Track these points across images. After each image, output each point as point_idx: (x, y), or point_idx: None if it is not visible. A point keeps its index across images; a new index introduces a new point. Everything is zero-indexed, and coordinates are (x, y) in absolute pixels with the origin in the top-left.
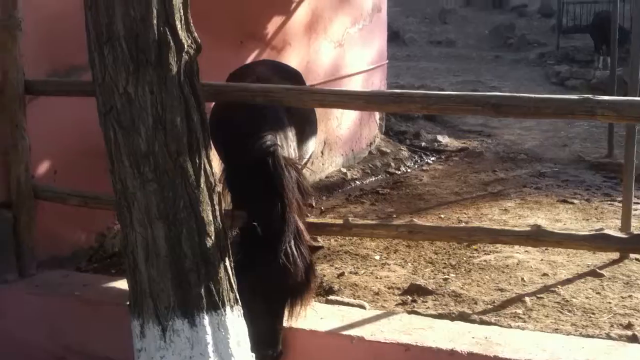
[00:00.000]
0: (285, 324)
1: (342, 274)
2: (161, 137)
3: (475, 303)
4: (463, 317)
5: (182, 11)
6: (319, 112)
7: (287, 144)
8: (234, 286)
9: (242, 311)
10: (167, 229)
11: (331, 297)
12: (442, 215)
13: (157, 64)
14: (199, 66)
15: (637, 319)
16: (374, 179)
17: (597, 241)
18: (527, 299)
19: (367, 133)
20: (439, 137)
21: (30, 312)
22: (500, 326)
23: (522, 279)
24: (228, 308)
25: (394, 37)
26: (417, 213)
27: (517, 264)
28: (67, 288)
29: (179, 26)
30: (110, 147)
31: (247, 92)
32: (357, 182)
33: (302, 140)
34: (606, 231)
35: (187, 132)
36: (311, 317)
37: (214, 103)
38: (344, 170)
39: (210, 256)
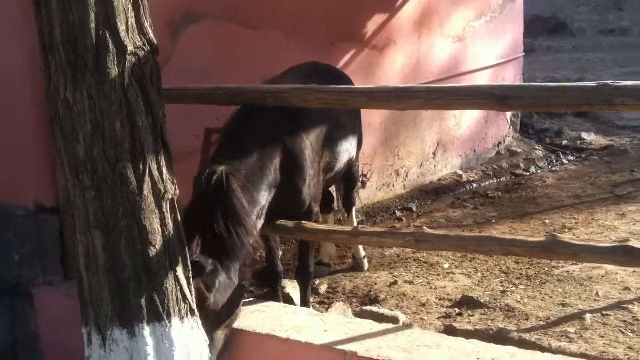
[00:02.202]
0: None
1: (394, 283)
2: (100, 144)
3: (527, 319)
4: (501, 334)
5: (129, 13)
6: (432, 112)
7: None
8: (189, 297)
9: (198, 323)
10: (105, 238)
11: (366, 308)
12: (547, 221)
13: (95, 69)
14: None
15: None
16: (494, 181)
17: (618, 255)
18: (588, 316)
19: (495, 132)
20: (584, 135)
21: (70, 315)
22: (527, 347)
23: (597, 293)
24: (176, 319)
25: (561, 28)
26: (521, 218)
27: (602, 277)
28: None
29: (121, 28)
30: (56, 155)
31: (259, 93)
32: (474, 185)
33: (329, 144)
34: (630, 243)
35: (130, 138)
36: (315, 328)
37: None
38: (460, 172)
39: (153, 266)
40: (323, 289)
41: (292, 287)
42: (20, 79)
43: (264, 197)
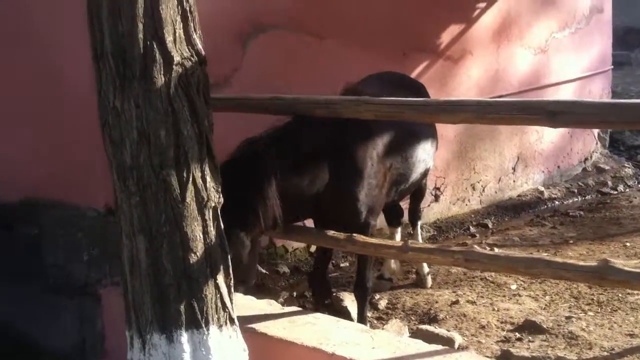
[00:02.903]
0: None
1: (456, 302)
2: (145, 151)
3: (590, 348)
4: None
5: (177, 24)
6: (513, 127)
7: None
8: (228, 305)
9: (237, 332)
10: (147, 243)
11: (422, 326)
12: (628, 244)
13: (142, 78)
14: None
15: None
16: (578, 199)
17: None
18: None
19: (581, 148)
20: None
21: None
22: None
23: None
24: (214, 327)
25: None
26: (601, 239)
27: None
28: None
29: (168, 39)
30: (108, 161)
31: (311, 104)
32: (556, 202)
33: (401, 153)
34: None
35: (174, 146)
36: (364, 344)
37: None
38: (542, 188)
39: (193, 272)
40: (382, 304)
41: (350, 300)
42: (91, 83)
43: (294, 184)
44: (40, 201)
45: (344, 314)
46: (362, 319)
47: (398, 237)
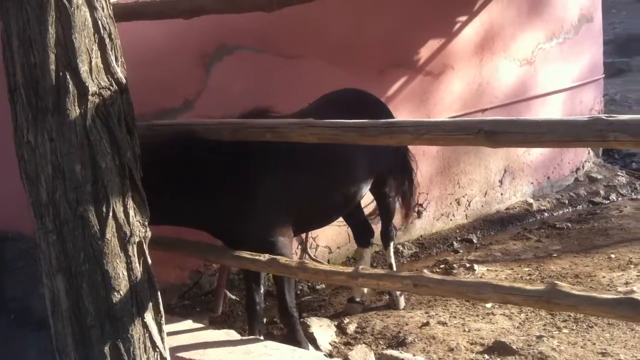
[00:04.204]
0: None
1: (426, 324)
2: (61, 186)
3: None
4: None
5: (93, 53)
6: None
7: None
8: (159, 344)
9: None
10: (67, 282)
11: (387, 351)
12: (613, 255)
13: (55, 110)
14: None
15: None
16: (568, 210)
17: (622, 308)
18: None
19: (572, 158)
20: None
21: None
22: None
23: None
24: None
25: None
26: (585, 252)
27: None
28: None
29: (83, 69)
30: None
31: (256, 128)
32: (545, 214)
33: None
34: (635, 295)
35: (92, 180)
36: None
37: None
38: (531, 200)
39: (117, 312)
40: (351, 328)
41: (318, 326)
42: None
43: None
44: (3, 234)
45: (311, 340)
46: (299, 345)
47: (367, 257)
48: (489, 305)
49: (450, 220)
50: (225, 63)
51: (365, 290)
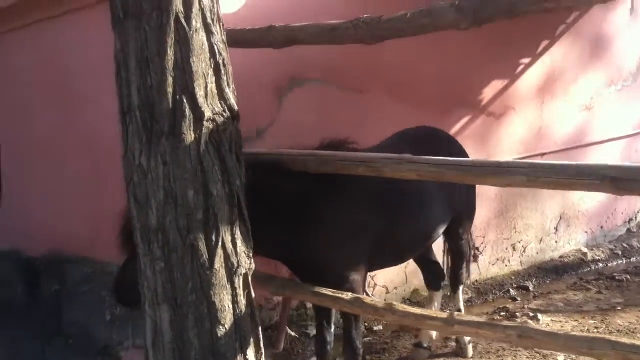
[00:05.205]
0: None
1: None
2: (172, 212)
3: None
4: None
5: (209, 78)
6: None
7: None
8: None
9: None
10: (172, 313)
11: None
12: None
13: (171, 134)
14: None
15: None
16: (623, 261)
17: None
18: None
19: (626, 207)
20: None
21: None
22: None
23: None
24: None
25: None
26: None
27: None
28: None
29: (200, 94)
30: (133, 222)
31: (349, 162)
32: (600, 265)
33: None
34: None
35: (203, 207)
36: None
37: None
38: (585, 250)
39: (221, 347)
40: None
41: None
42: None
43: None
44: (64, 256)
45: None
46: None
47: (438, 301)
48: (561, 358)
49: (506, 266)
50: (295, 95)
51: (434, 335)
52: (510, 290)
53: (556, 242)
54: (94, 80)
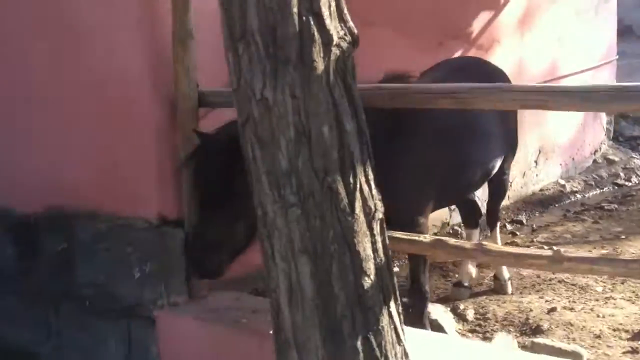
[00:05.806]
0: None
1: (553, 309)
2: (305, 152)
3: None
4: None
5: None
6: (532, 115)
7: None
8: (402, 337)
9: None
10: (313, 265)
11: (538, 340)
12: None
13: (299, 62)
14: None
15: None
16: (598, 191)
17: None
18: None
19: (592, 139)
20: None
21: (199, 341)
22: None
23: None
24: None
25: (626, 31)
26: None
27: None
28: (234, 314)
29: (326, 14)
30: (250, 166)
31: (426, 94)
32: (578, 196)
33: None
34: None
35: (338, 145)
36: None
37: None
38: (562, 182)
39: (367, 300)
40: (470, 314)
41: (442, 312)
42: (137, 81)
43: None
44: (70, 212)
45: (436, 328)
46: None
47: (475, 239)
48: (599, 288)
49: None
50: None
51: (474, 274)
52: (507, 225)
53: (537, 175)
54: (101, 7)
